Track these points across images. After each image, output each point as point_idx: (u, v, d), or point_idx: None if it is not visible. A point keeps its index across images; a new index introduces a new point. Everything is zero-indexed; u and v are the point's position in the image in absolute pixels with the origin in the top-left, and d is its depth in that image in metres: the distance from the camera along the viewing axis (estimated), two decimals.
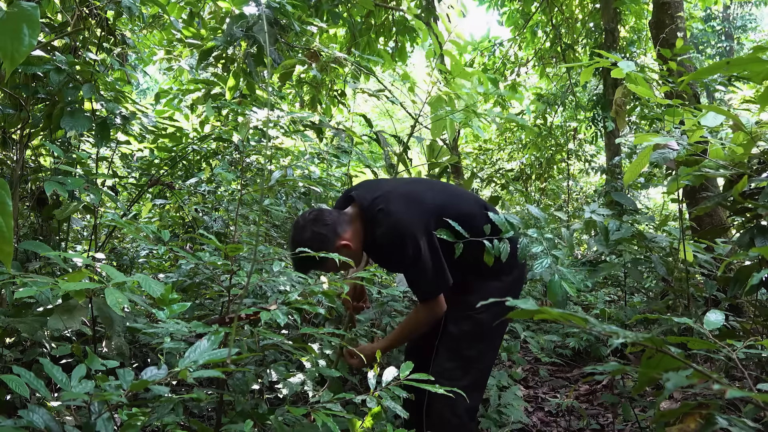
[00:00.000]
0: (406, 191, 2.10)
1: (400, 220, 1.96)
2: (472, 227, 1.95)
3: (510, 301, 1.06)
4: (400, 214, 1.97)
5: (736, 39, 18.28)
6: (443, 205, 2.07)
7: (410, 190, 2.11)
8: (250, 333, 1.86)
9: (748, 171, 2.27)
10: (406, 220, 1.96)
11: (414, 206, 2.01)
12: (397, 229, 1.95)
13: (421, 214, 2.00)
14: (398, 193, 2.06)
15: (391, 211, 1.98)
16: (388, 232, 1.96)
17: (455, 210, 2.05)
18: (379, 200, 2.02)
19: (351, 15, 5.67)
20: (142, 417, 1.36)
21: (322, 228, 1.99)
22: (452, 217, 1.96)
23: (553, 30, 8.20)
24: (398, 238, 1.95)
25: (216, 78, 4.30)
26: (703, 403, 1.20)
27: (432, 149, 5.30)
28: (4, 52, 1.25)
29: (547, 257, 1.81)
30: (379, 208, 2.00)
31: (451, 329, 2.13)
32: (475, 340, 2.10)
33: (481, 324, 2.09)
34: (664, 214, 5.82)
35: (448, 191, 2.24)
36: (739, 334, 2.41)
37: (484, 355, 2.14)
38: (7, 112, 2.67)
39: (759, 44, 2.25)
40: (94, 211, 3.04)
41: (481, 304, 1.25)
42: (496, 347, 2.23)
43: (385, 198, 2.03)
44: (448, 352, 2.10)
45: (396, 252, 1.97)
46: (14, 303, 2.08)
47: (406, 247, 1.94)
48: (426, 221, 1.98)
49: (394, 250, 1.97)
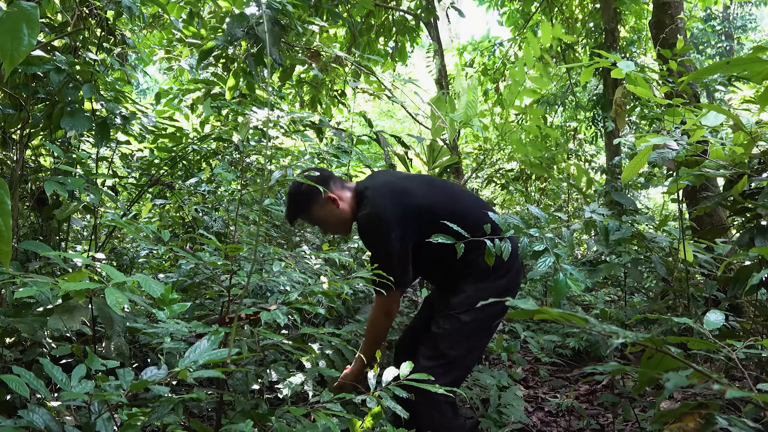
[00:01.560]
0: (399, 186, 2.18)
1: (377, 209, 2.08)
2: (462, 228, 1.95)
3: (510, 301, 1.06)
4: (378, 205, 2.10)
5: (736, 39, 18.27)
6: (433, 204, 2.12)
7: (404, 186, 2.19)
8: (250, 333, 1.86)
9: (748, 171, 2.27)
10: (382, 210, 2.07)
11: (398, 200, 2.10)
12: (371, 216, 2.08)
13: (402, 209, 2.08)
14: (390, 186, 2.17)
15: (374, 198, 2.12)
16: (365, 216, 2.11)
17: (447, 209, 2.09)
18: (371, 188, 2.16)
19: (351, 15, 5.67)
20: (142, 417, 1.36)
21: (316, 178, 2.14)
22: (442, 217, 1.99)
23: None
24: (372, 225, 2.08)
25: (216, 78, 4.30)
26: (703, 403, 1.20)
27: (432, 149, 5.30)
28: (4, 52, 1.25)
29: (550, 256, 1.81)
30: (367, 194, 2.15)
31: (432, 329, 2.16)
32: (457, 340, 2.11)
33: (464, 324, 2.10)
34: (664, 214, 5.82)
35: (446, 191, 2.26)
36: (739, 334, 2.41)
37: (465, 355, 2.14)
38: (7, 112, 2.67)
39: (759, 44, 2.25)
40: (94, 211, 3.04)
41: (481, 304, 1.25)
42: (480, 347, 2.23)
43: (375, 187, 2.16)
44: (429, 350, 2.12)
45: (366, 236, 2.14)
46: (14, 303, 2.08)
47: (375, 234, 2.07)
48: (405, 217, 2.06)
49: (366, 234, 2.14)
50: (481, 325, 2.12)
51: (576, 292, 1.73)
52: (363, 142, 4.27)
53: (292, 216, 2.27)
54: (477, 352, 2.23)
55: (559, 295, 1.74)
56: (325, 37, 5.69)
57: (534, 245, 1.85)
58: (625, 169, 2.67)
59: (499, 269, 2.11)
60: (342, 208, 2.21)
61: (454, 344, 2.10)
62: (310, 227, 3.83)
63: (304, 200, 2.20)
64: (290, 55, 4.19)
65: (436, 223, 1.96)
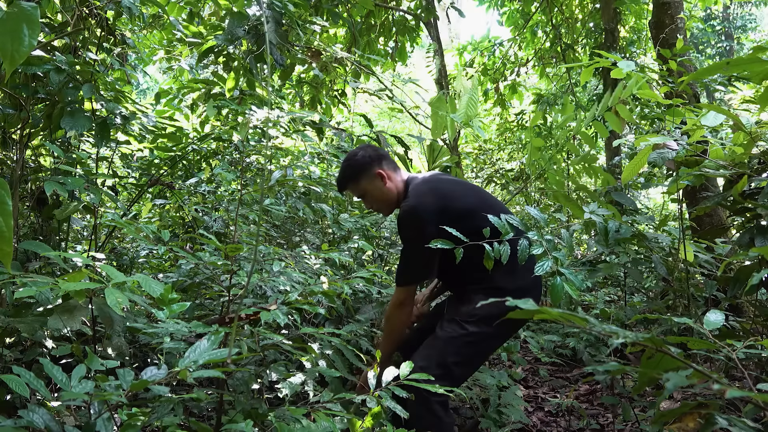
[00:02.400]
0: (447, 188, 2.24)
1: (419, 204, 2.14)
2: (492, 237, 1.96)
3: (510, 301, 1.06)
4: (422, 200, 2.15)
5: (736, 39, 18.27)
6: (474, 212, 2.13)
7: (451, 189, 2.24)
8: (250, 333, 1.86)
9: (748, 171, 2.27)
10: (423, 207, 2.12)
11: (441, 202, 2.15)
12: (412, 209, 2.13)
13: (443, 210, 2.12)
14: (437, 186, 2.24)
15: (420, 193, 2.19)
16: (407, 206, 2.16)
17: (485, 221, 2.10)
18: (421, 182, 2.26)
19: (351, 15, 5.66)
20: (142, 417, 1.36)
21: (372, 152, 2.30)
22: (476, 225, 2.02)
23: (553, 30, 8.20)
24: (409, 217, 2.14)
25: (216, 77, 4.30)
26: (703, 403, 1.20)
27: (432, 149, 5.29)
28: (4, 52, 1.25)
29: (548, 260, 1.81)
30: (415, 187, 2.23)
31: (437, 332, 2.16)
32: (460, 346, 2.11)
33: (467, 334, 2.10)
34: (664, 214, 5.82)
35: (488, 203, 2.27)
36: (739, 334, 2.41)
37: (467, 362, 2.14)
38: (7, 112, 2.67)
39: (759, 44, 2.25)
40: (94, 211, 3.04)
41: (481, 304, 1.25)
42: (472, 363, 2.20)
43: (424, 183, 2.26)
44: (426, 349, 2.12)
45: (402, 226, 2.18)
46: (14, 303, 2.08)
47: (411, 226, 2.13)
48: (441, 220, 2.07)
49: (402, 224, 2.18)
50: (483, 340, 2.12)
51: (573, 296, 1.74)
52: (363, 142, 4.27)
53: (343, 183, 2.34)
54: (479, 358, 2.21)
55: (556, 299, 1.74)
56: (325, 37, 5.69)
57: (533, 248, 1.85)
58: (625, 169, 2.67)
59: (520, 291, 2.10)
60: (389, 188, 2.29)
61: (452, 351, 2.10)
62: (311, 227, 3.83)
63: (357, 169, 2.28)
64: (291, 54, 4.19)
65: (474, 231, 1.97)
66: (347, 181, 2.34)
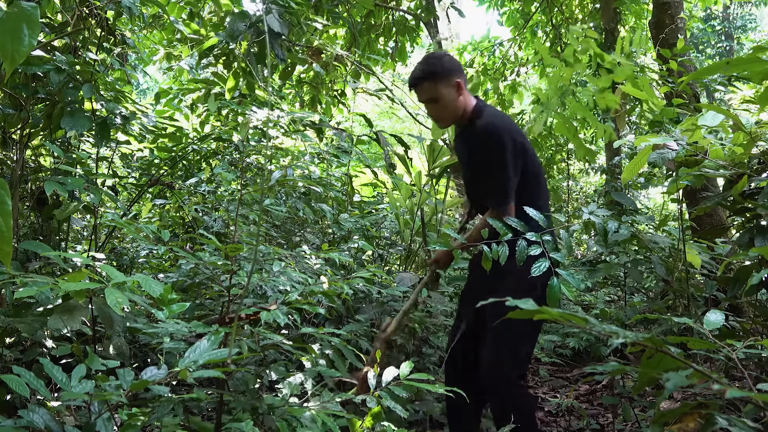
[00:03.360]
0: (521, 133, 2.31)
1: (504, 125, 2.20)
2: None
3: (510, 301, 1.06)
4: (505, 122, 2.23)
5: (736, 39, 18.27)
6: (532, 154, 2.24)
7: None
8: (250, 333, 1.86)
9: (748, 171, 2.27)
10: (507, 130, 2.19)
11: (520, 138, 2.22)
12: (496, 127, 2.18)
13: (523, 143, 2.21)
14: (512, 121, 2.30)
15: (501, 116, 2.27)
16: (490, 124, 2.20)
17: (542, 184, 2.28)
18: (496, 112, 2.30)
19: (351, 15, 5.66)
20: (142, 417, 1.36)
21: (456, 62, 2.30)
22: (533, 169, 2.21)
23: (553, 30, 8.20)
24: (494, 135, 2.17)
25: (216, 77, 4.30)
26: (703, 403, 1.20)
27: (432, 149, 5.29)
28: (4, 52, 1.25)
29: (545, 261, 1.80)
30: (490, 111, 2.26)
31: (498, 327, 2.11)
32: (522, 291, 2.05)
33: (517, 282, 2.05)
34: (664, 214, 5.82)
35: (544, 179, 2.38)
36: (739, 334, 2.41)
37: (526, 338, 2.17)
38: (7, 112, 2.67)
39: (759, 44, 2.24)
40: (94, 211, 3.04)
41: (481, 304, 1.24)
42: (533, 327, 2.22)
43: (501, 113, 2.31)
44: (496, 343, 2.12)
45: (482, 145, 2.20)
46: (14, 303, 2.08)
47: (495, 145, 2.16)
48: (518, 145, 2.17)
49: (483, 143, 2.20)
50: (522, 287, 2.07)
51: (571, 298, 1.74)
52: (363, 142, 4.27)
53: (420, 79, 2.26)
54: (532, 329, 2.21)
55: (554, 301, 1.74)
56: (326, 37, 5.69)
57: (531, 249, 1.85)
58: (625, 169, 2.67)
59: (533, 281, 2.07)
60: (461, 100, 2.27)
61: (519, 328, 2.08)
62: (311, 227, 3.83)
63: (440, 70, 2.24)
64: (291, 53, 4.19)
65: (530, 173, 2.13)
66: (424, 80, 2.26)
